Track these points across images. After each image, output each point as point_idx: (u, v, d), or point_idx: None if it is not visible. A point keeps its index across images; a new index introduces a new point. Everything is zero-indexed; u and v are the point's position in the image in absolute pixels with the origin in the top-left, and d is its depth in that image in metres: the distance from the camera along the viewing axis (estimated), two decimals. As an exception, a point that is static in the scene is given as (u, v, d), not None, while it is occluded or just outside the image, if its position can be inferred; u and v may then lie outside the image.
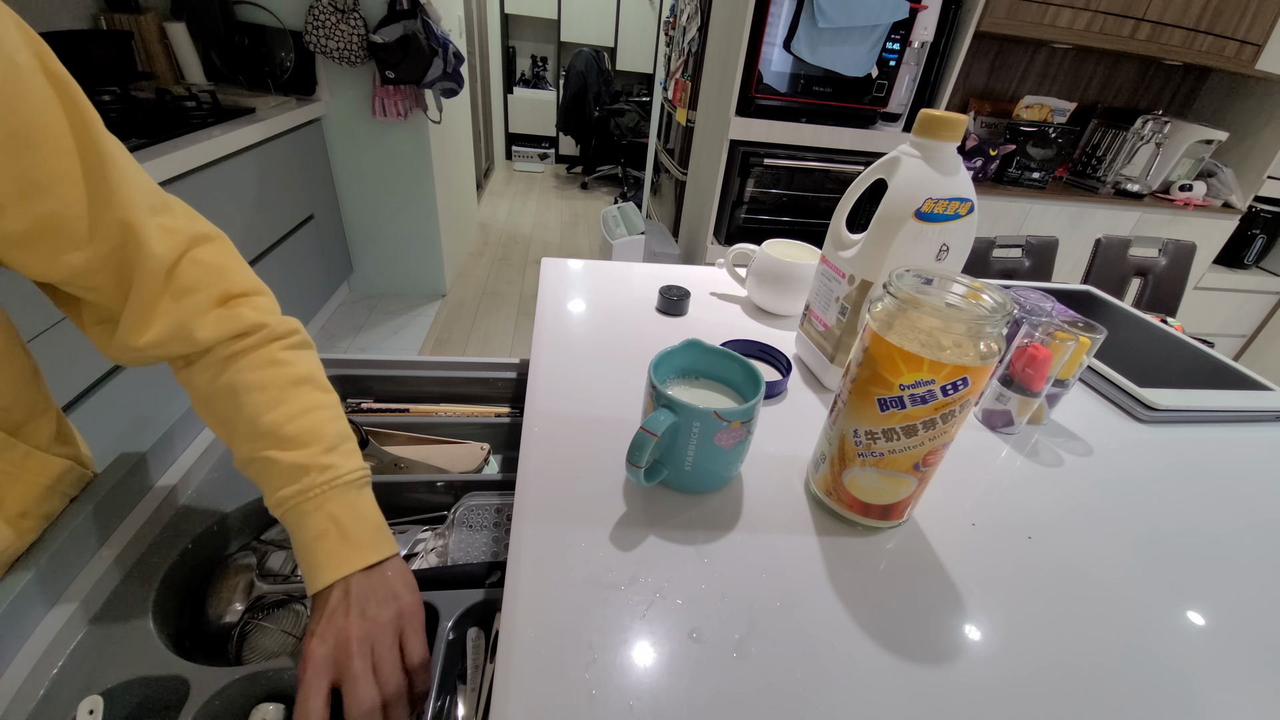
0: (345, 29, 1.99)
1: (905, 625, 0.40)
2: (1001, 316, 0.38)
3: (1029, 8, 1.83)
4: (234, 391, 0.43)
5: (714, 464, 0.46)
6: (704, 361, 0.51)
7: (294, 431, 0.43)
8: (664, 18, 3.23)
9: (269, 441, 0.43)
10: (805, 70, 1.73)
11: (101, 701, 0.38)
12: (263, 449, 0.43)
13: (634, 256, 2.33)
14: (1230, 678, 0.39)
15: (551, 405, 0.57)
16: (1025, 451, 0.59)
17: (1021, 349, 0.57)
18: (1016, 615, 0.42)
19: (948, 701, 0.36)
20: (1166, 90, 2.43)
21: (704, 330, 0.73)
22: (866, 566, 0.44)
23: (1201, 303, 2.45)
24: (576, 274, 0.85)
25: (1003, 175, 2.20)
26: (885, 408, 0.40)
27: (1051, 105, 2.31)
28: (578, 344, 0.68)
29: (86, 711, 0.37)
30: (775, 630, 0.38)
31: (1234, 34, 1.96)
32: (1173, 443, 0.63)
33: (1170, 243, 1.45)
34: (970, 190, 0.53)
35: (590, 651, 0.36)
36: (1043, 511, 0.51)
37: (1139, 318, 0.90)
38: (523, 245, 3.44)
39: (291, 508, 0.42)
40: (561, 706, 0.33)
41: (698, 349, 0.51)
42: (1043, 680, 0.37)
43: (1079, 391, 0.71)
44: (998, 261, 1.38)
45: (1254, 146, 2.24)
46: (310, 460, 0.42)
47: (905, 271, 0.42)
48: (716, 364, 0.51)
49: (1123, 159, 2.23)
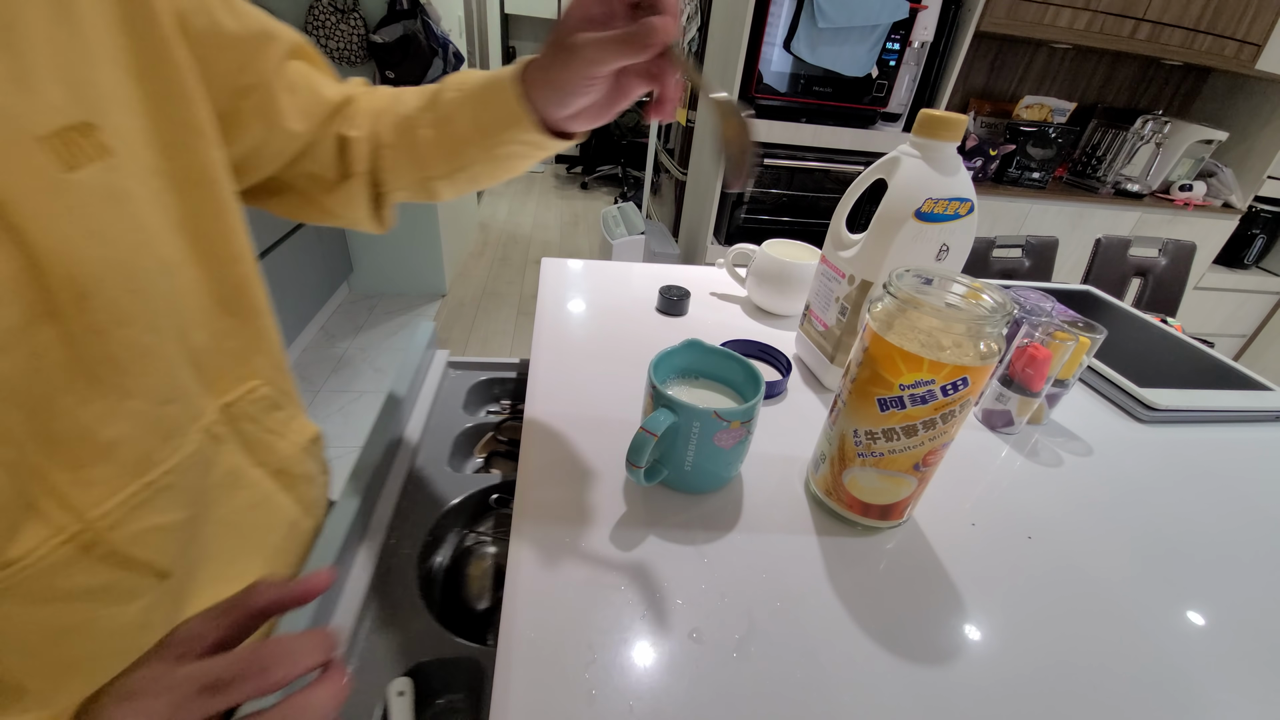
0: (345, 29, 2.00)
1: (905, 625, 0.40)
2: (1001, 316, 0.38)
3: (1029, 8, 1.83)
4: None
5: (714, 464, 0.46)
6: (704, 361, 0.51)
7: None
8: (664, 18, 3.23)
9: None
10: (805, 70, 1.73)
11: (410, 683, 0.39)
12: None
13: (634, 256, 2.33)
14: (1230, 678, 0.39)
15: (551, 405, 0.57)
16: (1025, 451, 0.59)
17: (1021, 349, 0.57)
18: (1016, 615, 0.42)
19: (948, 701, 0.36)
20: (1166, 90, 2.43)
21: (704, 330, 0.73)
22: (866, 566, 0.44)
23: (1201, 303, 2.45)
24: (576, 274, 0.85)
25: (1003, 175, 2.20)
26: (885, 408, 0.40)
27: (1051, 105, 2.31)
28: (578, 344, 0.68)
29: (396, 693, 0.38)
30: (775, 630, 0.38)
31: (1234, 34, 1.96)
32: (1173, 443, 0.63)
33: (1170, 243, 1.45)
34: (970, 190, 0.53)
35: (590, 651, 0.36)
36: (1043, 511, 0.51)
37: (1139, 318, 0.90)
38: (523, 245, 3.45)
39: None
40: (561, 706, 0.33)
41: (697, 349, 0.51)
42: (1043, 680, 0.37)
43: (1079, 391, 0.71)
44: (998, 261, 1.38)
45: (1254, 146, 2.24)
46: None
47: (905, 271, 0.42)
48: (716, 364, 0.51)
49: (1123, 159, 2.23)
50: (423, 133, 0.48)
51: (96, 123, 0.30)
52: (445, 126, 0.47)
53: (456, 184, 0.51)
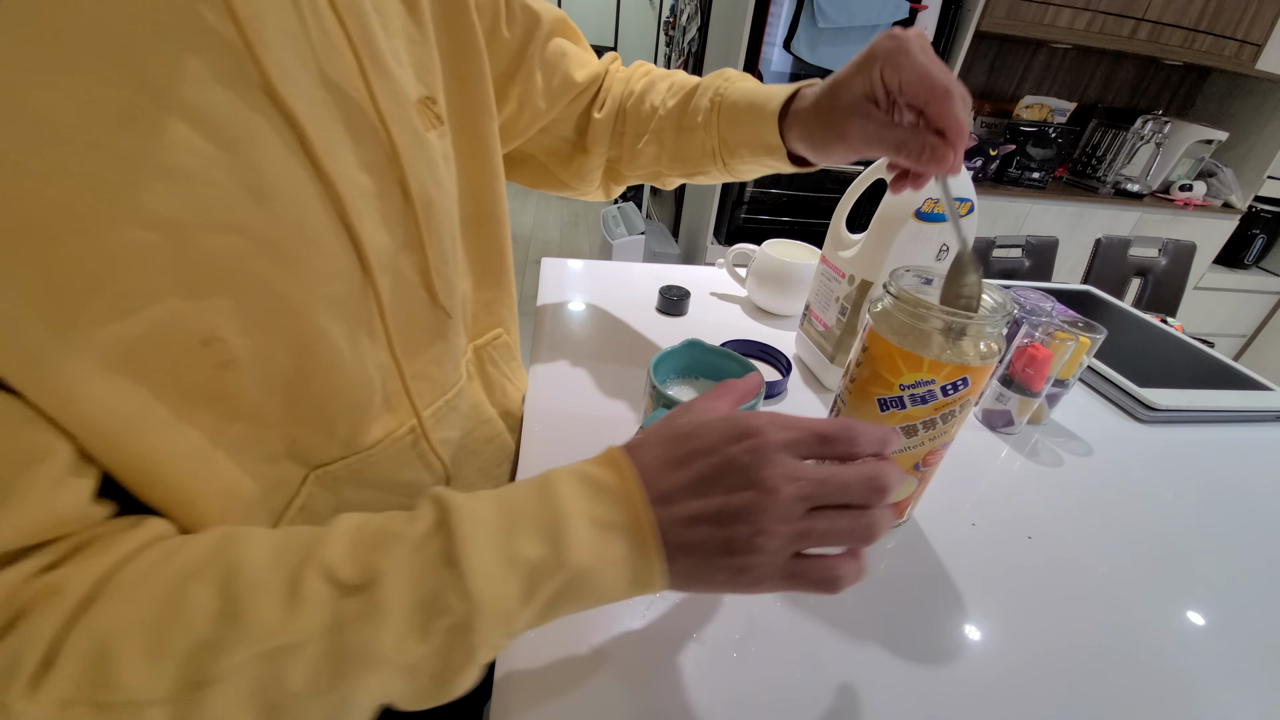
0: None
1: (905, 625, 0.40)
2: (1001, 316, 0.38)
3: (1029, 8, 1.83)
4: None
5: None
6: (704, 361, 0.51)
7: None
8: (664, 18, 3.24)
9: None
10: (805, 70, 1.73)
11: None
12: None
13: (634, 256, 2.32)
14: (1230, 678, 0.39)
15: (551, 405, 0.57)
16: (1025, 451, 0.59)
17: (1021, 349, 0.57)
18: (1016, 615, 0.42)
19: (948, 701, 0.36)
20: (1166, 90, 2.43)
21: (704, 330, 0.73)
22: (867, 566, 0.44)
23: (1201, 303, 2.44)
24: (576, 274, 0.85)
25: (1003, 175, 2.20)
26: (885, 408, 0.40)
27: (1051, 105, 2.30)
28: (578, 344, 0.68)
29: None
30: (775, 630, 0.38)
31: (1234, 34, 1.96)
32: (1173, 443, 0.63)
33: (1170, 243, 1.45)
34: (970, 190, 0.53)
35: (591, 651, 0.36)
36: (1043, 511, 0.51)
37: (1139, 318, 0.90)
38: (523, 245, 3.44)
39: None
40: (562, 706, 0.33)
41: (698, 349, 0.51)
42: (1043, 679, 0.37)
43: (1079, 391, 0.71)
44: (998, 261, 1.38)
45: (1254, 146, 2.24)
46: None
47: (905, 271, 0.42)
48: (717, 364, 0.51)
49: (1123, 159, 2.22)
50: (668, 135, 0.52)
51: (435, 96, 0.36)
52: (692, 134, 0.50)
53: (688, 180, 0.55)
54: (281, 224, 0.27)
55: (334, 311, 0.31)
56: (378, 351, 0.35)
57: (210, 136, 0.24)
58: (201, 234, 0.25)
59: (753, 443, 0.26)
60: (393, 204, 0.33)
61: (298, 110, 0.27)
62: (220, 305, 0.26)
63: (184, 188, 0.24)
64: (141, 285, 0.24)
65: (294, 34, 0.27)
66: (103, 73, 0.21)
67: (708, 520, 0.25)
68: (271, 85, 0.26)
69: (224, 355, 0.27)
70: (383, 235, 0.33)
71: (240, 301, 0.27)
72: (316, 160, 0.28)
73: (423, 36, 0.35)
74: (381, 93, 0.31)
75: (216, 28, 0.24)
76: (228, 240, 0.25)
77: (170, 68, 0.23)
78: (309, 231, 0.29)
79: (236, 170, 0.25)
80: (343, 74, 0.30)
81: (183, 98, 0.23)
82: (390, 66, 0.32)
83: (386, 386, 0.36)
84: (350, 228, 0.30)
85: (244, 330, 0.27)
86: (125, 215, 0.22)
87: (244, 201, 0.26)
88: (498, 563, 0.24)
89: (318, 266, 0.30)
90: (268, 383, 0.29)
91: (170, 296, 0.24)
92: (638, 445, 0.29)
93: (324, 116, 0.29)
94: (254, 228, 0.26)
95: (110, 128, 0.22)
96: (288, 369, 0.30)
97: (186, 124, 0.23)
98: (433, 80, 0.36)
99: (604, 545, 0.25)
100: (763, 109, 0.45)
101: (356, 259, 0.31)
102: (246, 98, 0.25)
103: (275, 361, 0.29)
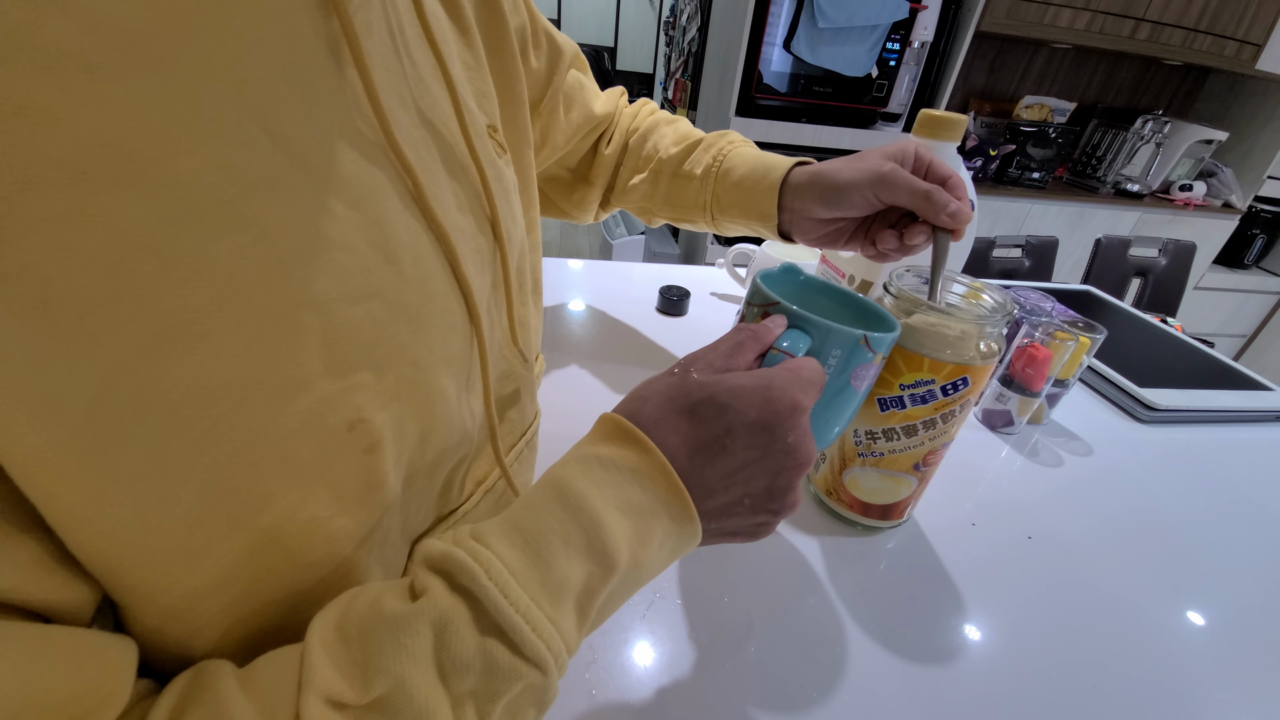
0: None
1: (905, 625, 0.40)
2: (1001, 316, 0.38)
3: (1029, 8, 1.83)
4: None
5: (836, 413, 0.34)
6: (802, 294, 0.38)
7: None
8: (664, 18, 3.24)
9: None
10: (805, 70, 1.73)
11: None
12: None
13: (634, 256, 2.32)
14: (1230, 678, 0.39)
15: (551, 405, 0.57)
16: (1025, 451, 0.59)
17: (1021, 349, 0.57)
18: (1016, 615, 0.42)
19: (948, 701, 0.36)
20: (1166, 90, 2.43)
21: (704, 330, 0.73)
22: (866, 566, 0.44)
23: (1201, 303, 2.44)
24: (576, 274, 0.85)
25: (1003, 175, 2.20)
26: (885, 408, 0.40)
27: (1051, 105, 2.30)
28: (578, 344, 0.68)
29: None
30: (775, 630, 0.38)
31: (1234, 34, 1.96)
32: (1173, 443, 0.63)
33: (1170, 243, 1.45)
34: (970, 190, 0.53)
35: (590, 651, 0.36)
36: (1043, 511, 0.51)
37: (1139, 318, 0.90)
38: (523, 245, 3.44)
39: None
40: (562, 706, 0.33)
41: (795, 278, 0.37)
42: (1043, 680, 0.37)
43: (1079, 391, 0.71)
44: (998, 261, 1.38)
45: (1254, 146, 2.24)
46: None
47: (905, 271, 0.42)
48: (815, 301, 0.37)
49: (1123, 159, 2.22)
50: (664, 179, 0.53)
51: (496, 125, 0.35)
52: (688, 184, 0.51)
53: (673, 224, 0.56)
54: (408, 284, 0.25)
55: (450, 369, 0.29)
56: (474, 401, 0.32)
57: (342, 196, 0.22)
58: (344, 305, 0.22)
59: (795, 421, 0.26)
60: (485, 244, 0.31)
61: (409, 156, 0.25)
62: (363, 381, 0.23)
63: (325, 257, 0.21)
64: (295, 374, 0.21)
65: (394, 70, 0.25)
66: (242, 134, 0.19)
67: (748, 507, 0.27)
68: (390, 133, 0.24)
69: (370, 438, 0.24)
70: (482, 279, 0.31)
71: (379, 374, 0.24)
72: (427, 208, 0.26)
73: (477, 62, 0.34)
74: (470, 125, 0.29)
75: (345, 75, 0.22)
76: (366, 309, 0.23)
77: (303, 122, 0.21)
78: (430, 288, 0.26)
79: (367, 230, 0.23)
80: (435, 108, 0.28)
81: (315, 156, 0.21)
82: (466, 96, 0.30)
83: (478, 436, 0.34)
84: (460, 277, 0.28)
85: (384, 406, 0.24)
86: (279, 299, 0.20)
87: (377, 264, 0.23)
88: (545, 598, 0.22)
89: (438, 323, 0.27)
90: (398, 460, 0.26)
91: (320, 380, 0.21)
92: (650, 418, 0.26)
93: (425, 159, 0.26)
94: (386, 291, 0.24)
95: (251, 198, 0.19)
96: (414, 440, 0.27)
97: (322, 186, 0.21)
98: (492, 108, 0.35)
99: (643, 532, 0.24)
100: (764, 177, 0.47)
101: (465, 309, 0.29)
102: (368, 149, 0.23)
103: (407, 436, 0.26)
